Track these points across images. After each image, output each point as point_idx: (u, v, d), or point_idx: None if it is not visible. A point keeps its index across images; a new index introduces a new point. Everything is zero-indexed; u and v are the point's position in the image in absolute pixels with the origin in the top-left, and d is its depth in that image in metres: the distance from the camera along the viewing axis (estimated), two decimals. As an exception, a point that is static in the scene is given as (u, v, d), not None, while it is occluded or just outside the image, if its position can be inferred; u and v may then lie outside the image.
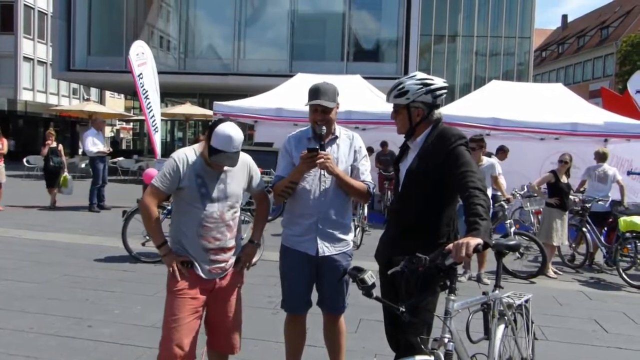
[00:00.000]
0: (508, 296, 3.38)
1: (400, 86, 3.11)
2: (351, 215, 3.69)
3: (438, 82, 3.13)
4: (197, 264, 3.27)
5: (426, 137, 3.13)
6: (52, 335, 4.83)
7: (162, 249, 3.31)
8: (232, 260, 3.42)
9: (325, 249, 3.48)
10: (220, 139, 3.10)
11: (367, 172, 3.60)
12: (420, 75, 3.15)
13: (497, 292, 3.14)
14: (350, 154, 3.56)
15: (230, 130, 3.12)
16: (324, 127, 3.38)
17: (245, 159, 3.46)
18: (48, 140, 13.14)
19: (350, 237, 3.63)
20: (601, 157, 9.56)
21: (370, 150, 11.91)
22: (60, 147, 13.42)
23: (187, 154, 3.29)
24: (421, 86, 3.08)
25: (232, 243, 3.38)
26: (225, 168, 3.30)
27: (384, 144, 14.33)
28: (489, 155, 9.22)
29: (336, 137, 3.55)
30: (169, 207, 7.89)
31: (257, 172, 3.56)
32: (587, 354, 5.10)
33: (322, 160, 3.26)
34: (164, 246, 3.31)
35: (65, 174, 13.03)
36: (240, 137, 3.15)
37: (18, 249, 8.25)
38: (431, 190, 3.05)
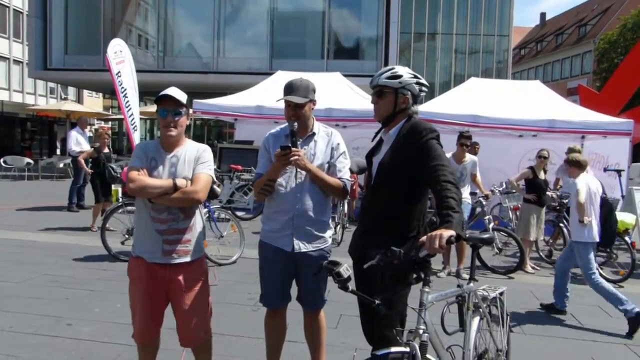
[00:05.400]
0: (483, 289, 3.43)
1: (394, 70, 3.17)
2: (330, 213, 3.68)
3: (423, 79, 3.24)
4: (150, 251, 3.30)
5: (399, 130, 3.17)
6: (32, 334, 4.82)
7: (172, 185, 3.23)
8: (191, 247, 3.36)
9: (302, 245, 3.49)
10: None
11: (345, 169, 3.58)
12: (408, 69, 3.24)
13: (471, 284, 3.19)
14: (327, 150, 3.56)
15: None
16: (295, 123, 3.40)
17: (200, 148, 3.44)
18: (101, 143, 10.71)
19: (328, 234, 3.62)
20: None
21: None
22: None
23: (146, 141, 3.52)
24: (412, 76, 3.17)
25: (186, 224, 3.33)
26: (177, 151, 3.34)
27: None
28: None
29: (313, 134, 3.56)
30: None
31: (205, 160, 3.41)
32: (563, 347, 5.19)
33: (295, 157, 3.28)
34: (172, 182, 3.23)
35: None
36: None
37: (-4, 249, 8.18)
38: (402, 184, 3.09)
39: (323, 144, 3.57)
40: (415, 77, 3.18)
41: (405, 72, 3.16)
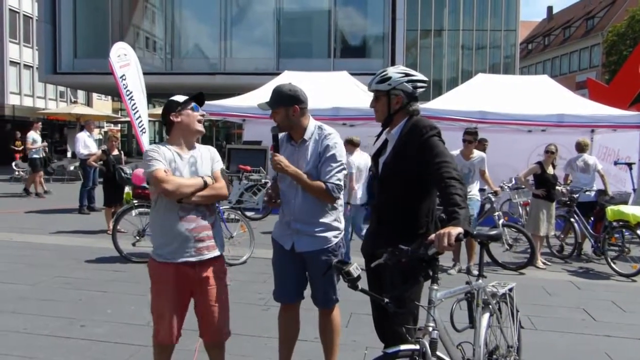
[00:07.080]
0: (492, 285, 3.43)
1: (383, 73, 3.21)
2: (333, 214, 3.63)
3: (419, 75, 3.23)
4: (179, 251, 3.33)
5: (401, 129, 3.19)
6: (46, 335, 4.86)
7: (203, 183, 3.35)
8: (217, 242, 3.44)
9: (300, 245, 3.56)
10: None
11: (333, 172, 3.50)
12: (403, 67, 3.26)
13: (480, 281, 3.19)
14: (315, 155, 3.57)
15: None
16: (277, 127, 3.64)
17: (210, 148, 3.59)
18: (109, 145, 10.70)
19: (331, 234, 3.58)
20: (581, 147, 9.66)
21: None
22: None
23: (158, 145, 3.42)
24: (403, 75, 3.18)
25: (211, 220, 3.42)
26: (193, 152, 3.44)
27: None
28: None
29: (304, 141, 3.61)
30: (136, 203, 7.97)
31: (219, 159, 3.60)
32: (576, 342, 5.17)
33: (274, 162, 3.50)
34: (202, 180, 3.35)
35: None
36: None
37: (9, 252, 8.25)
38: (407, 182, 3.10)
39: (315, 149, 3.59)
40: (407, 75, 3.18)
41: (394, 73, 3.18)
